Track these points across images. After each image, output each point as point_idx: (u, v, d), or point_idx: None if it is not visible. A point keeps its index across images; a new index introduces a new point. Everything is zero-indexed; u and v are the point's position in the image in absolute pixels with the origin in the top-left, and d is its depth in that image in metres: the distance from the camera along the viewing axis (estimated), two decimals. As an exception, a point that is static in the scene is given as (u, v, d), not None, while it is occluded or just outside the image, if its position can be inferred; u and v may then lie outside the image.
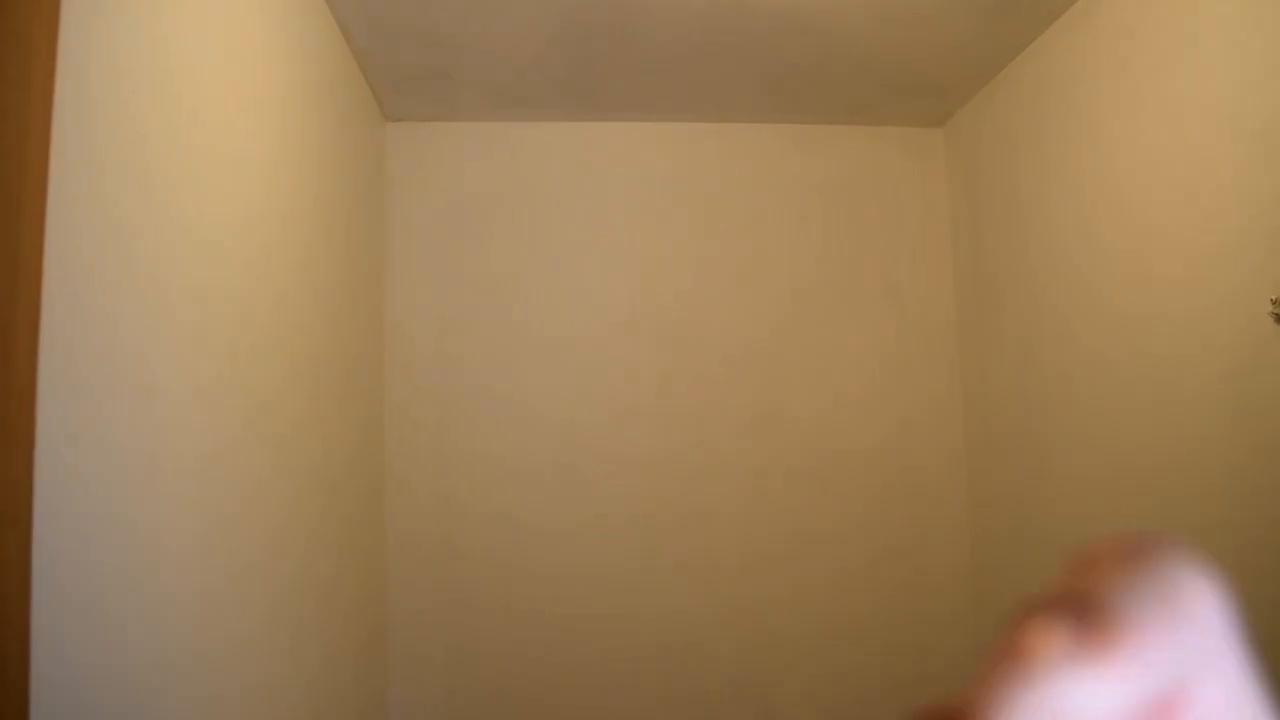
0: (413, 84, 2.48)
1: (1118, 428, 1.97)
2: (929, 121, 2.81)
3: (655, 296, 2.72)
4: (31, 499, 0.87)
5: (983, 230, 2.61)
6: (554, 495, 2.62)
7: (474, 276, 2.68)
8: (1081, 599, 0.22)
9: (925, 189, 2.83)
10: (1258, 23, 1.57)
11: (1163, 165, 1.82)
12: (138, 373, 1.13)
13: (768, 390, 2.71)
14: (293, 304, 1.78)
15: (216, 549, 1.37)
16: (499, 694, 2.54)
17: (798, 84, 2.53)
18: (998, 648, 0.22)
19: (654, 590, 2.61)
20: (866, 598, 2.65)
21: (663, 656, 2.59)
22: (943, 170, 2.83)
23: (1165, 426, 1.82)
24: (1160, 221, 1.83)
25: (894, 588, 2.65)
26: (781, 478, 2.68)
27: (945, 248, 2.81)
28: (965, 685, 0.22)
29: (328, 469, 2.01)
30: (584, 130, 2.76)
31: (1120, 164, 1.96)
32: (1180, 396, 1.77)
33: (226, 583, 1.41)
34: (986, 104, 2.56)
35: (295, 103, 1.82)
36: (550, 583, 2.59)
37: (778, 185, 2.79)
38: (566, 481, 2.63)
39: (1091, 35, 2.05)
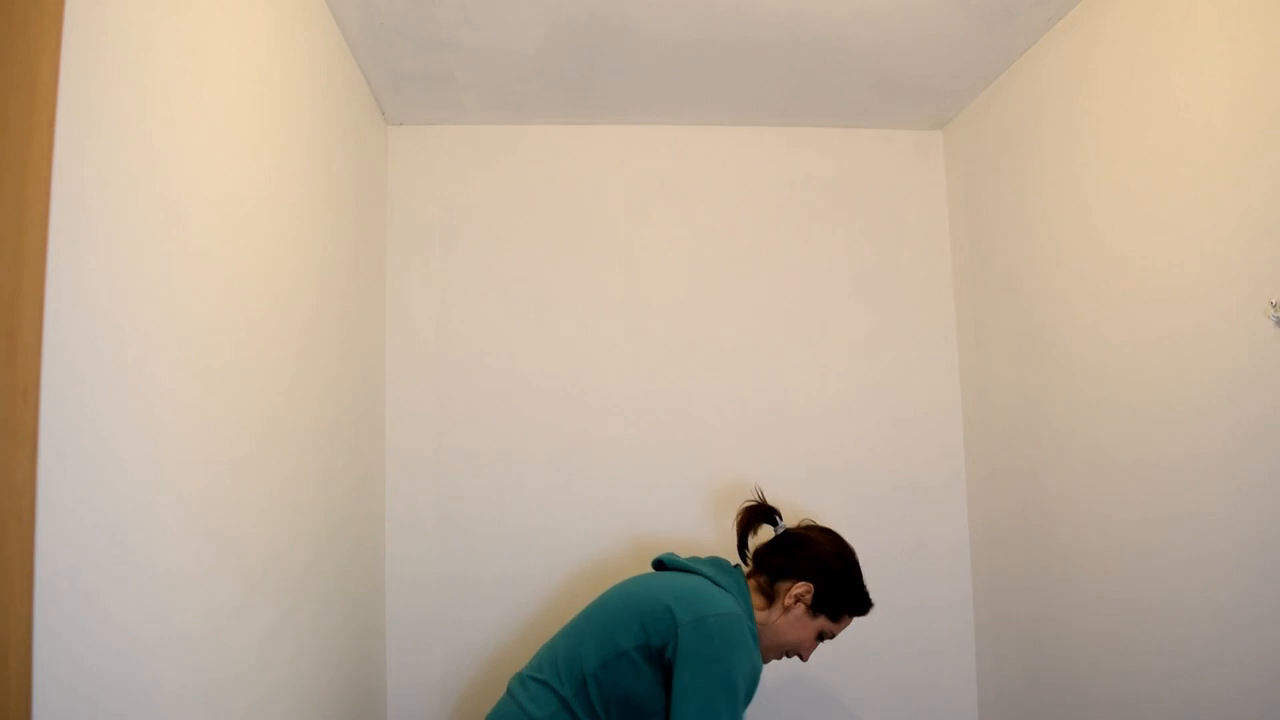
0: (414, 87, 2.48)
1: (1117, 428, 1.98)
2: (929, 124, 2.81)
3: (655, 299, 2.73)
4: (35, 499, 0.87)
5: (982, 232, 2.61)
6: (554, 495, 2.63)
7: (475, 279, 2.69)
8: None
9: (925, 192, 2.83)
10: (1256, 26, 1.58)
11: (1161, 167, 1.82)
12: (141, 372, 1.13)
13: (766, 392, 2.72)
14: (294, 306, 1.78)
15: (221, 548, 1.37)
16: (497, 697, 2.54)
17: (798, 88, 2.54)
18: None
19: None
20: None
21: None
22: (943, 173, 2.84)
23: (1165, 427, 1.82)
24: (1159, 223, 1.84)
25: (893, 588, 2.65)
26: (781, 479, 2.68)
27: (945, 250, 2.82)
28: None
29: (329, 467, 2.01)
30: (585, 133, 2.76)
31: (1119, 166, 1.96)
32: (1180, 397, 1.77)
33: (231, 581, 1.41)
34: (987, 107, 2.57)
35: (297, 107, 1.83)
36: (551, 584, 2.60)
37: (778, 188, 2.79)
38: (566, 481, 2.64)
39: (1090, 39, 2.06)
